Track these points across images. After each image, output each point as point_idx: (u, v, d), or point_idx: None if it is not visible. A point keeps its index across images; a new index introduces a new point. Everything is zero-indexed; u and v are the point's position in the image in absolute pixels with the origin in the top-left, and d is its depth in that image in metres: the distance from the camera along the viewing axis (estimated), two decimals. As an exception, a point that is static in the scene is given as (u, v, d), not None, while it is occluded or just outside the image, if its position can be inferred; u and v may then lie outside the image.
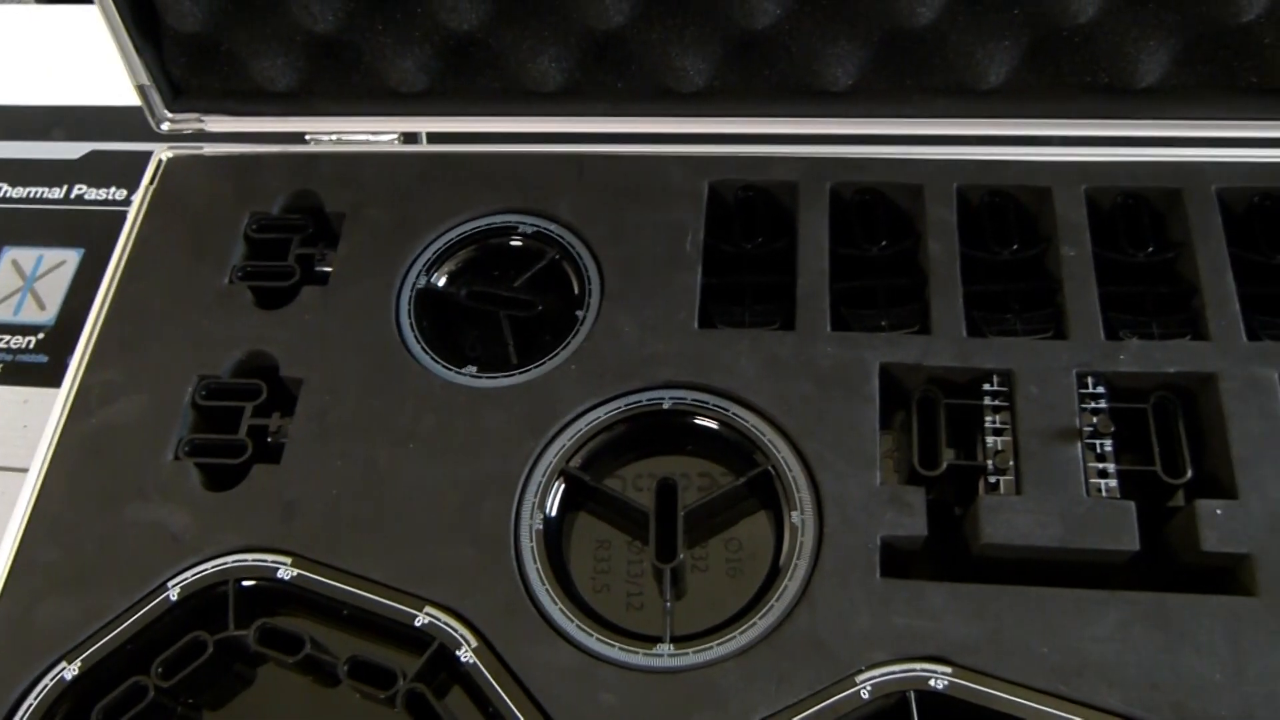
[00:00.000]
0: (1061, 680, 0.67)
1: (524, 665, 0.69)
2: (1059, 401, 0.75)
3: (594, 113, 0.88)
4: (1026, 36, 0.82)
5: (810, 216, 0.83)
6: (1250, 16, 0.79)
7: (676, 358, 0.79)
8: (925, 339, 0.78)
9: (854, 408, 0.76)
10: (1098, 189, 0.83)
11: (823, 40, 0.83)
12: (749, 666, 0.68)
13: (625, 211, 0.85)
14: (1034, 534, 0.71)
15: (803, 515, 0.73)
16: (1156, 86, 0.83)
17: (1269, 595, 0.68)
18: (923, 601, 0.69)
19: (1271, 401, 0.74)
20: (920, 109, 0.85)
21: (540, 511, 0.74)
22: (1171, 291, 0.80)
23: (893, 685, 0.67)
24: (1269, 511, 0.71)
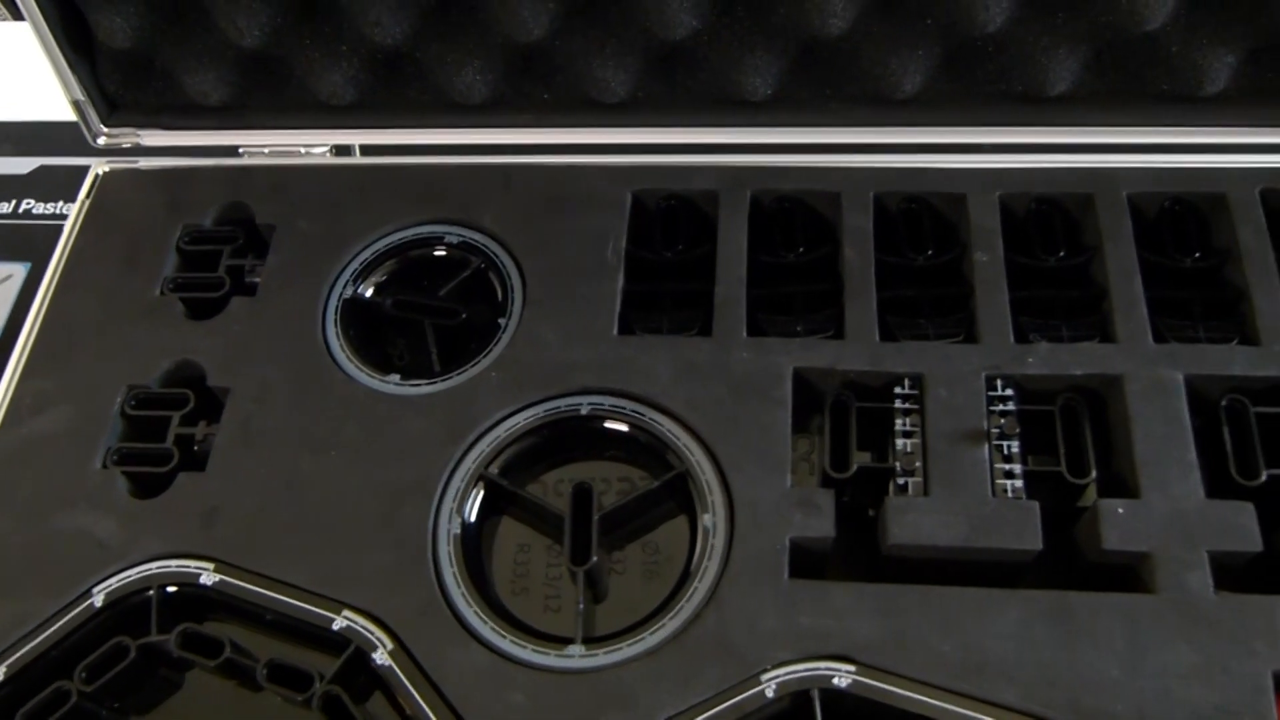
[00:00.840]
0: (962, 677, 0.68)
1: (437, 667, 0.70)
2: (967, 404, 0.76)
3: (520, 124, 0.89)
4: (939, 46, 0.84)
5: (730, 224, 0.85)
6: (1154, 25, 0.81)
7: (595, 364, 0.80)
8: (839, 344, 0.79)
9: (767, 412, 0.77)
10: (1012, 195, 0.85)
11: (741, 51, 0.85)
12: (657, 667, 0.69)
13: (549, 221, 0.86)
14: (939, 534, 0.72)
15: (714, 518, 0.74)
16: (1068, 94, 0.85)
17: (1166, 592, 0.70)
18: (828, 601, 0.71)
19: (1176, 402, 0.76)
20: (838, 118, 0.86)
21: (458, 516, 0.76)
22: (1082, 295, 0.82)
23: (797, 684, 0.68)
24: (1170, 510, 0.72)
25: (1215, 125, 0.84)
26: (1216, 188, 0.83)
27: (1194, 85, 0.83)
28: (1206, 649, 0.67)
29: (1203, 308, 0.81)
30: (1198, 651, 0.67)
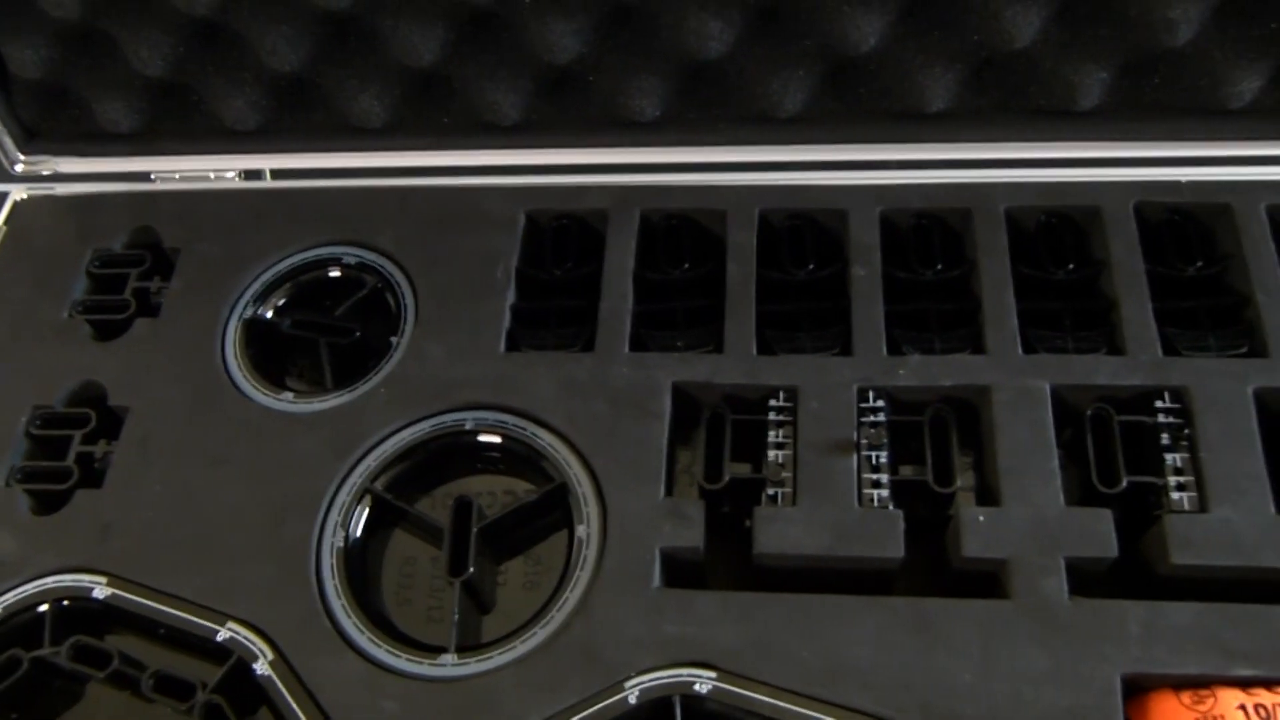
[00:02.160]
0: (820, 683, 0.69)
1: (315, 676, 0.72)
2: (838, 415, 0.78)
3: (418, 147, 0.92)
4: (819, 66, 0.86)
5: (617, 242, 0.87)
6: (1024, 43, 0.83)
7: (481, 380, 0.82)
8: (716, 358, 0.81)
9: (644, 425, 0.79)
10: (893, 210, 0.87)
11: (627, 74, 0.87)
12: (525, 674, 0.71)
13: (444, 241, 0.88)
14: (805, 543, 0.74)
15: (588, 529, 0.76)
16: (947, 110, 0.87)
17: (1021, 598, 0.71)
18: (693, 610, 0.72)
19: (1041, 412, 0.77)
20: (724, 137, 0.89)
21: (342, 530, 0.78)
22: (957, 308, 0.83)
23: (659, 690, 0.70)
24: (1030, 518, 0.73)
25: (1090, 140, 0.86)
26: (1091, 201, 0.85)
27: (1068, 101, 0.85)
28: (1058, 653, 0.69)
29: (1074, 319, 0.82)
30: (1050, 656, 0.69)
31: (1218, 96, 0.84)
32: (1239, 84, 0.83)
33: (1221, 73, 0.83)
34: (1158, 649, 0.69)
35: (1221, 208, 0.84)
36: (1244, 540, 0.72)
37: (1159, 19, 0.80)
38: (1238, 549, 0.71)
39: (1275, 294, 0.80)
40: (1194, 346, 0.79)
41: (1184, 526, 0.72)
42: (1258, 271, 0.81)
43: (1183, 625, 0.69)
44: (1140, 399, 0.78)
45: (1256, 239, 0.82)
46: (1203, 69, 0.83)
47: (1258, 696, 0.67)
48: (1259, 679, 0.68)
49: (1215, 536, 0.72)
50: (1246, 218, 0.83)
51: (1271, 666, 0.68)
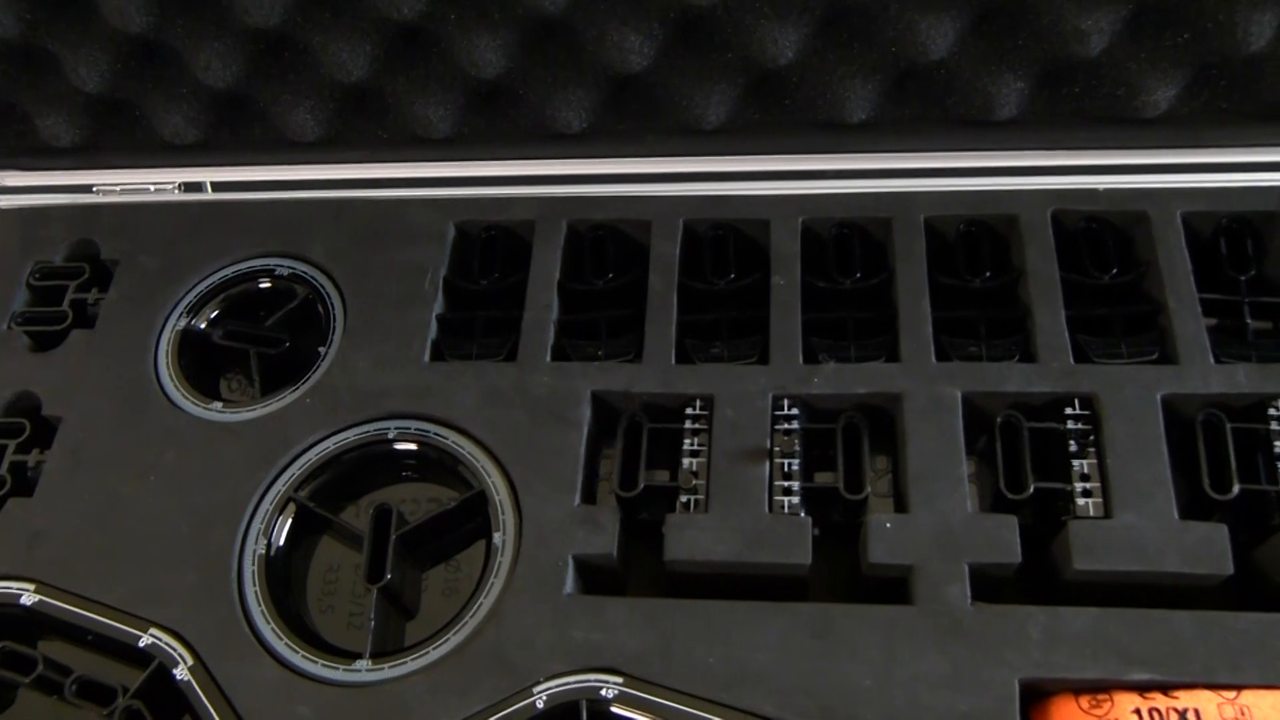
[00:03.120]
0: (723, 688, 0.70)
1: (232, 681, 0.74)
2: (752, 423, 0.79)
3: (351, 160, 0.93)
4: (742, 78, 0.87)
5: (543, 253, 0.88)
6: (940, 54, 0.84)
7: (405, 390, 0.83)
8: (635, 367, 0.83)
9: (561, 433, 0.80)
10: (815, 220, 0.88)
11: (553, 87, 0.88)
12: (436, 680, 0.73)
13: (374, 253, 0.90)
14: (714, 550, 0.75)
15: (504, 536, 0.77)
16: (868, 121, 0.88)
17: (924, 604, 0.72)
18: (602, 616, 0.73)
19: (952, 419, 0.78)
20: (651, 149, 0.90)
21: (264, 538, 0.79)
22: (874, 316, 0.84)
23: (566, 695, 0.71)
24: (936, 525, 0.74)
25: (1009, 149, 0.87)
26: (1010, 210, 0.86)
27: (986, 111, 0.86)
28: (959, 658, 0.70)
29: (989, 327, 0.83)
30: (950, 661, 0.70)
31: (1134, 105, 0.85)
32: (1154, 93, 0.84)
33: (1137, 82, 0.84)
34: (1057, 654, 0.70)
35: (1138, 215, 0.85)
36: (1146, 545, 0.72)
37: (1071, 29, 0.81)
38: (1140, 554, 0.72)
39: (1187, 301, 0.81)
40: (1106, 354, 0.80)
41: (1087, 532, 0.73)
42: (1171, 279, 0.82)
43: (1082, 630, 0.70)
44: (1051, 406, 0.79)
45: (1171, 247, 0.83)
46: (1118, 79, 0.84)
47: (1153, 701, 0.68)
48: (1155, 683, 0.69)
49: (1118, 542, 0.73)
50: (1162, 225, 0.84)
51: (1168, 671, 0.69)
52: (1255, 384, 0.78)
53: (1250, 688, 0.68)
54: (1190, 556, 0.72)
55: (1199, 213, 0.85)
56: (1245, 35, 0.80)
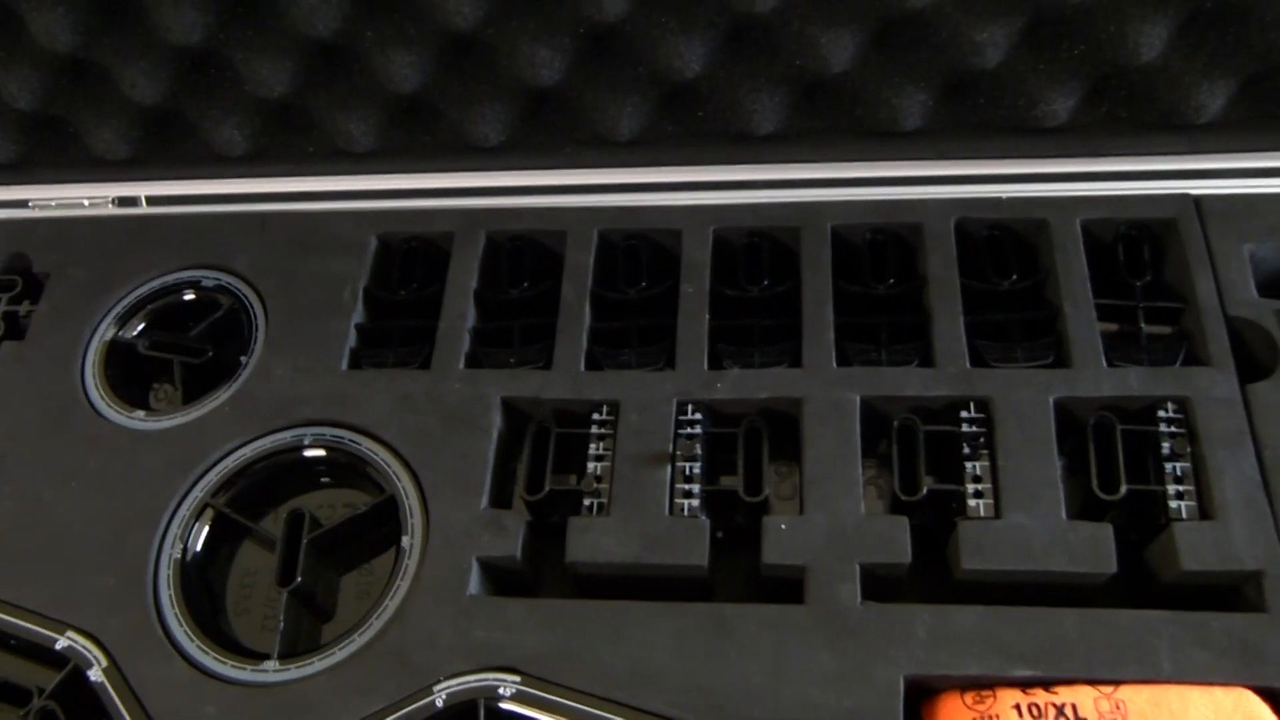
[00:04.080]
0: (619, 687, 0.72)
1: (143, 683, 0.76)
2: (656, 428, 0.81)
3: (277, 173, 0.95)
4: (653, 91, 0.89)
5: (460, 263, 0.90)
6: (843, 67, 0.86)
7: (321, 398, 0.85)
8: (545, 374, 0.84)
9: (472, 439, 0.82)
10: (726, 229, 0.90)
11: (471, 101, 0.90)
12: (339, 679, 0.74)
13: (298, 264, 0.92)
14: (615, 552, 0.77)
15: (411, 539, 0.79)
16: (778, 132, 0.90)
17: (815, 604, 0.74)
18: (503, 616, 0.75)
19: (849, 422, 0.80)
20: (567, 160, 0.92)
21: (181, 543, 0.81)
22: (779, 323, 0.86)
23: (464, 694, 0.73)
24: (830, 526, 0.76)
25: (914, 159, 0.89)
26: (915, 218, 0.88)
27: (892, 122, 0.88)
28: (847, 656, 0.71)
29: (890, 332, 0.85)
30: (838, 658, 0.71)
31: (1034, 116, 0.87)
32: (1054, 104, 0.86)
33: (1036, 93, 0.86)
34: (942, 652, 0.71)
35: (1039, 223, 0.87)
36: (1034, 545, 0.74)
37: (967, 42, 0.83)
38: (1027, 554, 0.74)
39: (1083, 306, 0.83)
40: (1002, 358, 0.82)
41: (977, 533, 0.75)
42: (1068, 285, 0.84)
43: (967, 628, 0.72)
44: (948, 409, 0.80)
45: (1069, 253, 0.85)
46: (1019, 90, 0.86)
47: (1034, 696, 0.70)
48: (1037, 679, 0.70)
49: (1006, 542, 0.74)
50: (1062, 233, 0.86)
51: (1049, 667, 0.70)
52: (1146, 387, 0.79)
53: (1128, 683, 0.69)
54: (1076, 556, 0.74)
55: (1099, 220, 0.87)
56: (1137, 46, 0.82)
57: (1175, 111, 0.86)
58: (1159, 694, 0.69)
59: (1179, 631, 0.70)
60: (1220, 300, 0.82)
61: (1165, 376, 0.80)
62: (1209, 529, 0.74)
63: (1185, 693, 0.69)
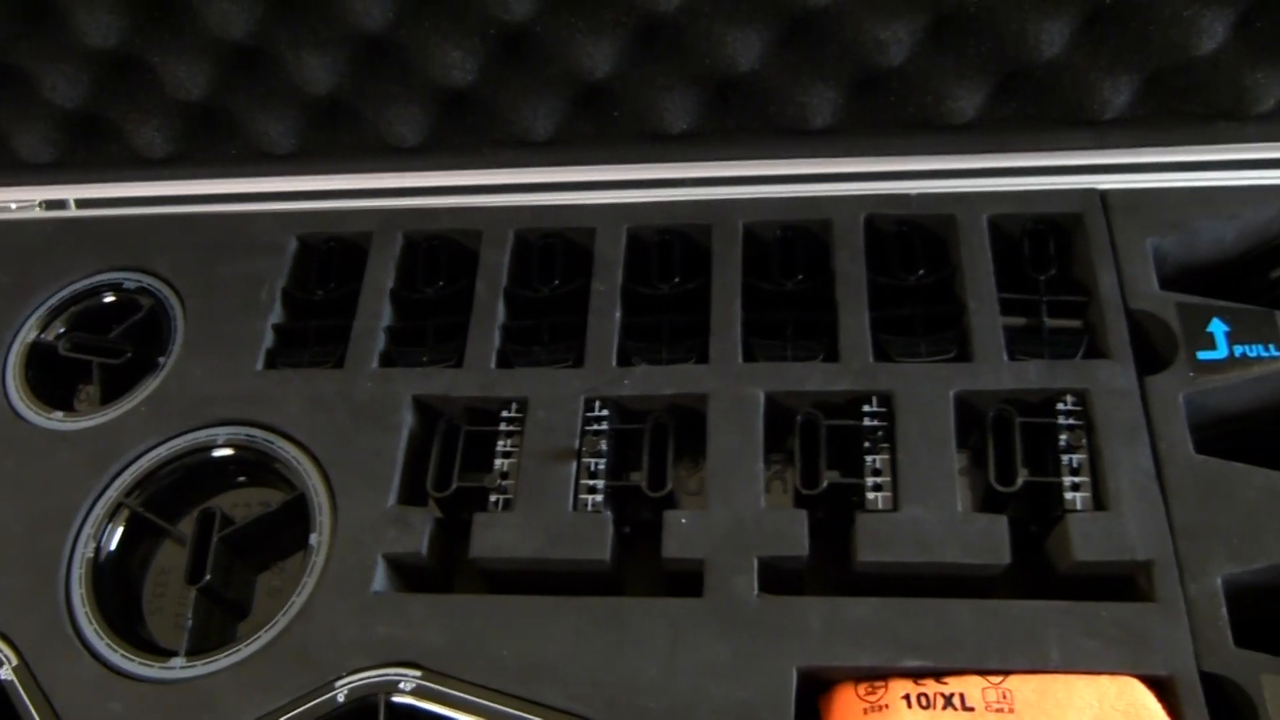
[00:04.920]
0: (516, 680, 0.73)
1: (53, 681, 0.76)
2: (563, 425, 0.82)
3: (200, 175, 0.96)
4: (567, 91, 0.90)
5: (377, 263, 0.91)
6: (751, 66, 0.86)
7: (236, 397, 0.86)
8: (456, 372, 0.85)
9: (381, 437, 0.83)
10: (639, 228, 0.90)
11: (387, 102, 0.91)
12: (243, 676, 0.75)
13: (218, 265, 0.93)
14: (517, 547, 0.78)
15: (320, 536, 0.80)
16: (690, 131, 0.91)
17: (712, 596, 0.74)
18: (406, 612, 0.76)
19: (753, 417, 0.81)
20: (484, 160, 0.93)
21: (94, 542, 0.82)
22: (689, 319, 0.87)
23: (365, 689, 0.74)
24: (730, 520, 0.77)
25: (824, 156, 0.89)
26: (825, 215, 0.88)
27: (801, 120, 0.89)
28: (741, 648, 0.72)
29: (797, 328, 0.85)
30: (733, 651, 0.72)
31: (942, 112, 0.88)
32: (960, 100, 0.87)
33: (943, 90, 0.87)
34: (835, 643, 0.72)
35: (947, 219, 0.88)
36: (929, 537, 0.75)
37: (871, 40, 0.84)
38: (922, 546, 0.75)
39: (986, 301, 0.83)
40: (906, 353, 0.83)
41: (873, 525, 0.76)
42: (973, 280, 0.84)
43: (861, 619, 0.72)
44: (851, 404, 0.81)
45: (975, 248, 0.86)
46: (926, 87, 0.87)
47: (924, 687, 0.71)
48: (928, 670, 0.71)
49: (902, 534, 0.75)
50: (968, 228, 0.87)
51: (940, 658, 0.71)
52: (1045, 380, 0.80)
53: (1017, 673, 0.70)
54: (970, 548, 0.74)
55: (1007, 215, 0.87)
56: (1038, 44, 0.83)
57: (1081, 107, 0.87)
58: (1046, 683, 0.69)
59: (1069, 621, 0.71)
60: (1122, 293, 0.83)
61: (1065, 369, 0.80)
62: (1102, 520, 0.74)
63: (1071, 682, 0.69)
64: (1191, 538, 0.73)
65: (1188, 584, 0.72)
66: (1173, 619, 0.71)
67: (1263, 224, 0.87)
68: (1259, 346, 0.80)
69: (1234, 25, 0.82)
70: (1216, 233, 0.86)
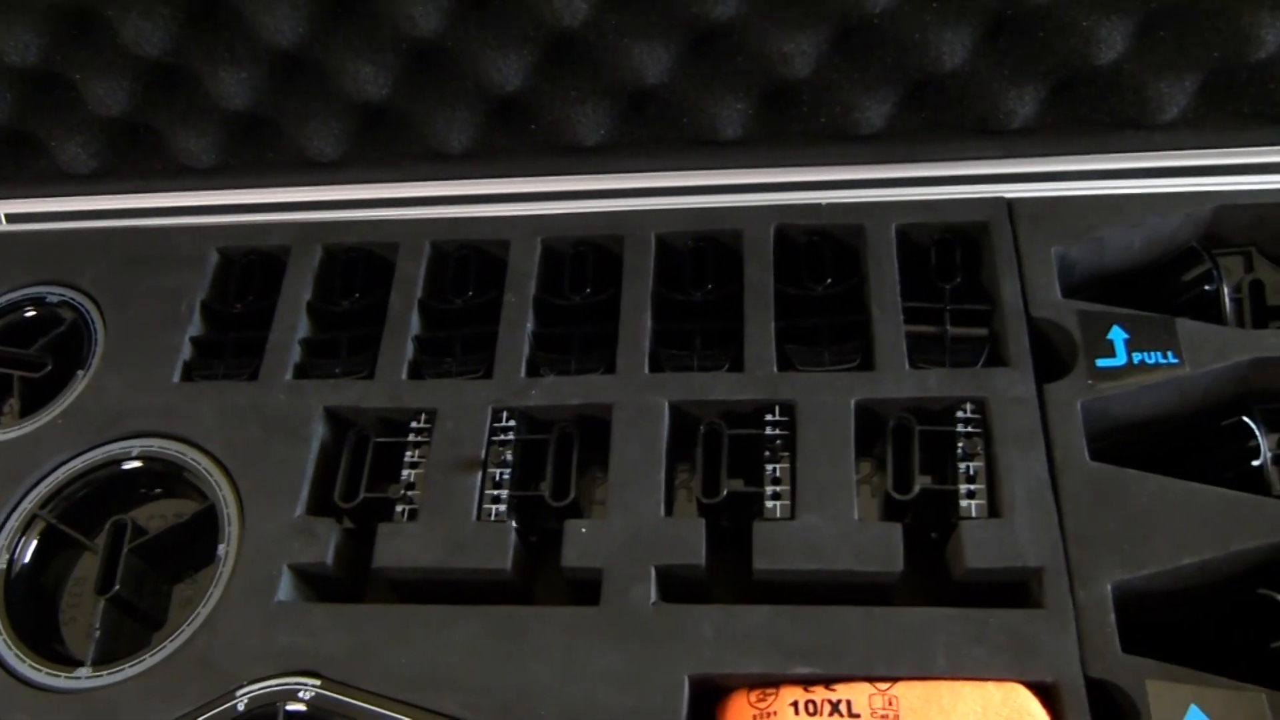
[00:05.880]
0: (413, 688, 0.73)
1: (-40, 691, 0.78)
2: (469, 435, 0.82)
3: (125, 190, 0.97)
4: (481, 105, 0.91)
5: (295, 275, 0.92)
6: (659, 79, 0.87)
7: (151, 410, 0.87)
8: (367, 383, 0.86)
9: (292, 448, 0.84)
10: (553, 239, 0.91)
11: (305, 117, 0.92)
12: (147, 685, 0.76)
13: (139, 279, 0.94)
14: (420, 557, 0.78)
15: (228, 547, 0.81)
16: (604, 143, 0.91)
17: (608, 605, 0.75)
18: (307, 622, 0.77)
19: (656, 427, 0.81)
20: (401, 174, 0.94)
21: (7, 554, 0.83)
22: (598, 331, 0.87)
23: (266, 697, 0.74)
24: (629, 529, 0.77)
25: (735, 167, 0.90)
26: (735, 225, 0.89)
27: (713, 131, 0.90)
28: (635, 656, 0.73)
29: (704, 338, 0.86)
30: (626, 658, 0.73)
31: (851, 123, 0.88)
32: (868, 111, 0.88)
33: (851, 100, 0.87)
34: (727, 651, 0.73)
35: (857, 229, 0.88)
36: (824, 545, 0.75)
37: (776, 53, 0.85)
38: (816, 554, 0.75)
39: (890, 310, 0.84)
40: (810, 362, 0.83)
41: (770, 533, 0.76)
42: (878, 289, 0.85)
43: (753, 627, 0.73)
44: (755, 413, 0.82)
45: (881, 258, 0.86)
46: (834, 98, 0.88)
47: (813, 694, 0.71)
48: (818, 677, 0.72)
49: (797, 542, 0.76)
50: (876, 237, 0.87)
51: (829, 665, 0.71)
52: (945, 388, 0.81)
53: (905, 679, 0.71)
54: (864, 555, 0.75)
55: (915, 224, 0.88)
56: (939, 55, 0.84)
57: (988, 117, 0.88)
58: (931, 690, 0.70)
59: (958, 628, 0.72)
60: (1024, 301, 0.83)
61: (965, 377, 0.81)
62: (995, 527, 0.75)
63: (957, 688, 0.70)
64: (1083, 544, 0.74)
65: (1077, 590, 0.73)
66: (1060, 625, 0.71)
67: (1169, 231, 0.87)
68: (1157, 354, 0.80)
69: (1134, 35, 0.83)
70: (1123, 240, 0.87)
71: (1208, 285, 0.84)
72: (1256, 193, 0.86)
